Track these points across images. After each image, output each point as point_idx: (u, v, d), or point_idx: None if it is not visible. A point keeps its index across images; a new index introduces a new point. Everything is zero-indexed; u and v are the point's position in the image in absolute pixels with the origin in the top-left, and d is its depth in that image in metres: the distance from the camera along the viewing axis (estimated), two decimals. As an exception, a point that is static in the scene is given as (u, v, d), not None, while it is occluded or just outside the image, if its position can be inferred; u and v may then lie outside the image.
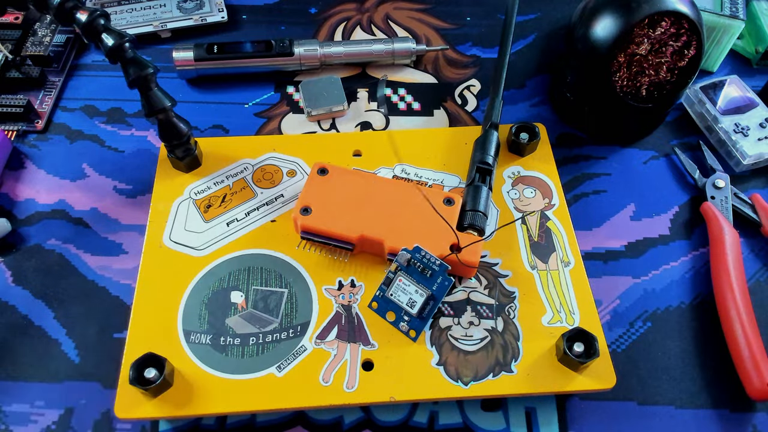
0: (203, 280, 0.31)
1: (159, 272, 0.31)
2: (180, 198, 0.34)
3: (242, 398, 0.27)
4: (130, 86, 0.29)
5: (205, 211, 0.33)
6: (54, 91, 0.40)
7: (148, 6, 0.45)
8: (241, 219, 0.33)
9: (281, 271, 0.31)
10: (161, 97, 0.30)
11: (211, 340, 0.29)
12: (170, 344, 0.29)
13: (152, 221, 0.33)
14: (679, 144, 0.40)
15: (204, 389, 0.28)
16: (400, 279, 0.29)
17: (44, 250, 0.34)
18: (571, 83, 0.39)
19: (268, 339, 0.29)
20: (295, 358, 0.29)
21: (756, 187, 0.38)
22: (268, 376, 0.28)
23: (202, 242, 0.32)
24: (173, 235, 0.32)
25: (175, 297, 0.30)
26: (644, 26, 0.34)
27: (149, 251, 0.32)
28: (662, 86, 0.36)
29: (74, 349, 0.31)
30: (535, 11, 0.47)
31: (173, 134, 0.32)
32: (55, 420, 0.29)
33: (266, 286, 0.31)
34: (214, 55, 0.40)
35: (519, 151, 0.36)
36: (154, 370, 0.27)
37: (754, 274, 0.34)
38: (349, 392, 0.28)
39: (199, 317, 0.30)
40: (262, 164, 0.36)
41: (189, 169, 0.35)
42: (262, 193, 0.34)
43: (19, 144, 0.38)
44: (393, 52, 0.42)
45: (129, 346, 0.29)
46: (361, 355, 0.29)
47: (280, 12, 0.46)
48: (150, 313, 0.30)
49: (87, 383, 0.30)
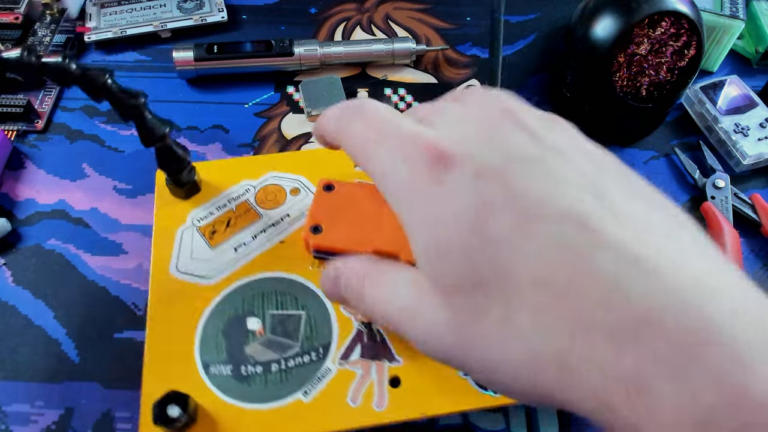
0: (217, 309, 0.29)
1: (170, 304, 0.30)
2: (183, 226, 0.32)
3: (270, 428, 0.26)
4: (126, 119, 0.28)
5: (211, 238, 0.32)
6: (54, 91, 0.40)
7: (148, 6, 0.45)
8: (248, 243, 0.32)
9: (296, 293, 0.30)
10: (157, 124, 0.29)
11: (232, 371, 0.28)
12: (190, 379, 0.27)
13: (156, 252, 0.31)
14: (679, 144, 0.40)
15: (229, 422, 0.26)
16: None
17: (44, 250, 0.34)
18: (571, 83, 0.39)
19: (291, 364, 0.28)
20: (320, 381, 0.27)
21: (756, 187, 0.38)
22: (296, 402, 0.27)
23: (210, 270, 0.31)
24: (180, 265, 0.31)
25: (190, 329, 0.29)
26: (644, 26, 0.34)
27: (156, 284, 0.30)
28: (662, 86, 0.36)
29: (74, 349, 0.31)
30: (535, 11, 0.47)
31: (172, 161, 0.31)
32: (55, 420, 0.29)
33: (283, 309, 0.30)
34: (214, 55, 0.40)
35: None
36: (178, 408, 0.25)
37: (754, 274, 0.34)
38: (380, 411, 0.27)
39: (216, 348, 0.28)
40: (263, 185, 0.34)
41: (188, 195, 0.33)
42: (266, 214, 0.33)
43: (19, 144, 0.38)
44: (393, 52, 0.42)
45: (146, 384, 0.27)
46: (387, 372, 0.28)
47: (280, 12, 0.46)
48: (164, 348, 0.28)
49: (87, 383, 0.30)
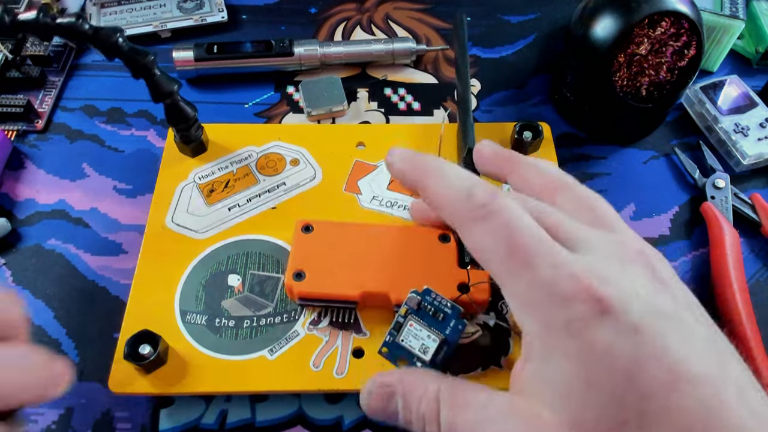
0: (202, 263, 0.32)
1: (160, 252, 0.32)
2: (184, 182, 0.35)
3: (234, 379, 0.28)
4: (137, 76, 0.30)
5: (208, 196, 0.34)
6: (54, 91, 0.40)
7: (148, 6, 0.45)
8: (242, 205, 0.34)
9: (279, 257, 0.32)
10: (166, 81, 0.31)
11: (207, 321, 0.29)
12: (166, 323, 0.29)
13: (156, 203, 0.33)
14: (679, 144, 0.40)
15: (197, 368, 0.28)
16: (411, 324, 0.27)
17: (44, 250, 0.34)
18: (571, 83, 0.39)
19: (262, 322, 0.30)
20: (288, 342, 0.29)
21: (756, 187, 0.38)
22: (260, 358, 0.29)
23: (203, 225, 0.33)
24: (176, 217, 0.33)
25: (174, 277, 0.31)
26: (644, 26, 0.34)
27: (151, 232, 0.32)
28: (662, 86, 0.36)
29: (74, 349, 0.31)
30: (535, 11, 0.47)
31: (180, 118, 0.33)
32: (55, 420, 0.29)
33: (264, 271, 0.31)
34: (214, 55, 0.40)
35: (522, 150, 0.36)
36: (149, 347, 0.27)
37: (754, 274, 0.34)
38: (339, 378, 0.28)
39: (196, 298, 0.30)
40: (266, 152, 0.36)
41: (195, 153, 0.35)
42: (264, 180, 0.35)
43: (19, 144, 0.38)
44: (393, 52, 0.42)
45: (126, 322, 0.29)
46: (352, 342, 0.29)
47: (280, 12, 0.46)
48: (148, 292, 0.30)
49: (87, 383, 0.30)
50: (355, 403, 0.30)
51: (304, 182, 0.35)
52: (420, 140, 0.37)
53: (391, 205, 0.34)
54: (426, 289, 0.27)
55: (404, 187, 0.26)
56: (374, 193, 0.35)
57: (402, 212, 0.34)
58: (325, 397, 0.30)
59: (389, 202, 0.34)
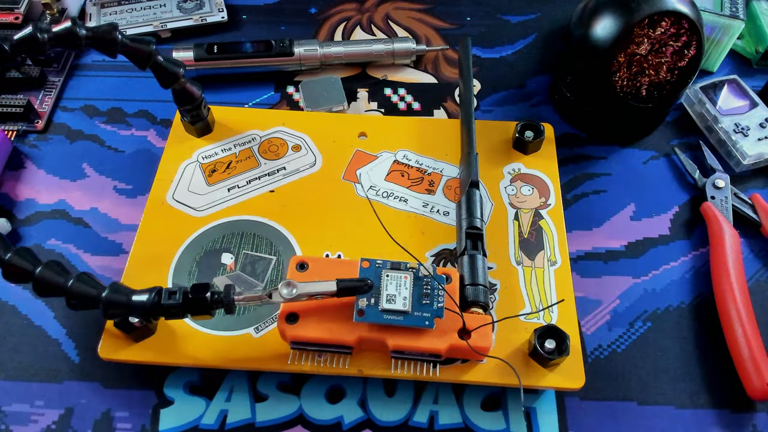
0: (198, 240, 0.32)
1: (158, 227, 0.33)
2: (188, 160, 0.36)
3: (219, 354, 0.29)
4: (142, 67, 0.31)
5: (210, 175, 0.35)
6: (54, 91, 0.40)
7: (148, 6, 0.45)
8: (242, 186, 0.35)
9: (273, 239, 0.33)
10: (172, 65, 0.32)
11: None
12: None
13: (159, 179, 0.35)
14: (679, 144, 0.40)
15: (184, 341, 0.29)
16: (405, 276, 0.27)
17: (44, 250, 0.34)
18: (571, 83, 0.39)
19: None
20: (273, 322, 0.30)
21: (756, 187, 0.38)
22: (246, 335, 0.29)
23: (202, 204, 0.34)
24: (176, 194, 0.34)
25: (170, 252, 0.32)
26: (644, 26, 0.34)
27: (152, 207, 0.33)
28: (662, 86, 0.36)
29: (74, 349, 0.31)
30: (535, 11, 0.47)
31: (187, 99, 0.34)
32: (55, 420, 0.29)
33: (256, 251, 0.32)
34: (214, 55, 0.40)
35: (523, 149, 0.36)
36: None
37: (754, 274, 0.34)
38: (320, 359, 0.28)
39: (189, 273, 0.31)
40: (269, 136, 0.37)
41: (200, 134, 0.36)
42: (265, 163, 0.36)
43: (19, 144, 0.38)
44: (393, 52, 0.42)
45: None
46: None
47: (280, 12, 0.46)
48: (144, 265, 0.31)
49: (87, 383, 0.30)
50: (356, 403, 0.30)
51: (304, 168, 0.36)
52: (422, 133, 0.37)
53: (387, 195, 0.35)
54: (441, 276, 0.28)
55: None
56: (372, 183, 0.35)
57: (397, 203, 0.34)
58: (325, 397, 0.30)
59: (386, 193, 0.35)
